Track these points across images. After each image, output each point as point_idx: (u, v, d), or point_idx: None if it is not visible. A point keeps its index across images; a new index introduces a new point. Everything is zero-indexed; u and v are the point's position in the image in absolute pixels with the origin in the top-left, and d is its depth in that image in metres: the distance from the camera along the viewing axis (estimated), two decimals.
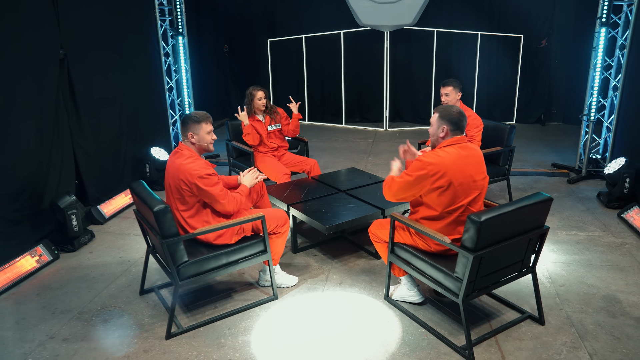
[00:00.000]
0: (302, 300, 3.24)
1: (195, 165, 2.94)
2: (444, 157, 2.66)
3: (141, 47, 5.66)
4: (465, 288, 2.52)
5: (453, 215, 2.71)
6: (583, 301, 3.14)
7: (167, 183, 3.07)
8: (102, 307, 3.25)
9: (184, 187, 2.94)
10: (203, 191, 2.96)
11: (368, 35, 8.16)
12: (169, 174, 3.05)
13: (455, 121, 2.73)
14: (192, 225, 3.02)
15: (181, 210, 3.00)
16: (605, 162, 5.52)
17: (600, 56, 5.23)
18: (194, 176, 2.92)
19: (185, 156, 2.99)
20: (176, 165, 2.97)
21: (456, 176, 2.64)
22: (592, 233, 4.13)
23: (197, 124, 3.02)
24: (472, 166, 2.70)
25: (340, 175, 4.48)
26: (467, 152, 2.73)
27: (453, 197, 2.67)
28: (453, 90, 4.31)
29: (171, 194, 3.04)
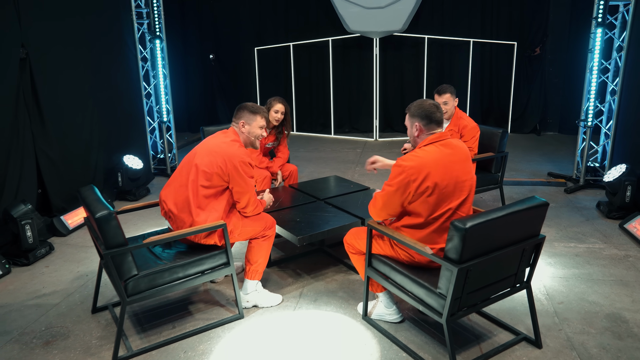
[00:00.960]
0: (271, 320, 2.89)
1: (241, 150, 2.82)
2: (423, 157, 2.35)
3: (116, 51, 5.38)
4: (450, 306, 2.19)
5: (439, 220, 2.39)
6: (585, 320, 2.80)
7: (197, 155, 2.80)
8: (46, 327, 2.89)
9: (220, 164, 2.73)
10: (239, 177, 2.75)
11: (357, 42, 7.93)
12: (206, 147, 2.81)
13: (426, 114, 2.43)
14: (201, 204, 2.75)
15: (201, 185, 2.75)
16: (604, 170, 5.23)
17: (597, 58, 4.96)
18: (236, 157, 2.75)
19: (231, 138, 2.86)
20: (218, 142, 2.82)
21: (441, 177, 2.33)
22: (593, 245, 3.81)
23: (253, 115, 2.91)
24: (457, 165, 2.39)
25: (320, 183, 4.16)
26: (451, 149, 2.41)
27: (439, 201, 2.36)
28: (451, 97, 4.02)
29: (195, 167, 2.75)
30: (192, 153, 2.86)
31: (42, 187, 4.40)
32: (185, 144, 7.83)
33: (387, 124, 8.50)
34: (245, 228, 2.90)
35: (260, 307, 3.02)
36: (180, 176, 2.83)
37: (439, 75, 8.08)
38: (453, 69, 8.06)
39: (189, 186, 2.76)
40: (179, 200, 2.79)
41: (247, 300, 3.02)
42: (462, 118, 4.08)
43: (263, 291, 3.07)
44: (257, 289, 3.03)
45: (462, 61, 7.90)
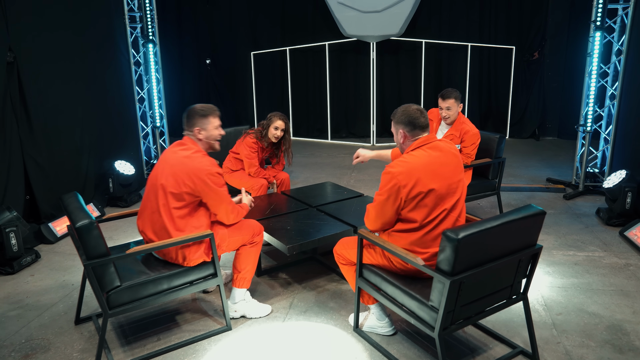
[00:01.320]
0: (259, 332, 2.80)
1: (205, 161, 2.63)
2: (411, 162, 2.28)
3: (108, 54, 5.30)
4: (442, 320, 2.09)
5: (433, 223, 2.30)
6: (584, 333, 2.70)
7: (161, 176, 2.62)
8: (27, 339, 2.79)
9: (187, 182, 2.57)
10: (210, 190, 2.59)
11: (354, 46, 7.86)
12: (168, 166, 2.62)
13: (409, 120, 2.34)
14: (180, 226, 2.61)
15: (173, 207, 2.59)
16: (603, 175, 5.14)
17: (596, 62, 4.88)
18: (203, 172, 2.57)
19: (192, 150, 2.67)
20: (179, 158, 2.63)
21: (432, 180, 2.25)
22: (592, 253, 3.71)
23: (205, 118, 2.70)
24: (447, 167, 2.31)
25: (314, 189, 4.07)
26: (439, 152, 2.33)
27: (433, 205, 2.27)
28: (455, 102, 3.90)
29: (162, 189, 2.60)
30: (153, 173, 2.69)
31: (30, 194, 4.32)
32: None
33: (385, 128, 8.40)
34: (233, 238, 2.81)
35: (248, 318, 2.92)
36: (150, 201, 2.67)
37: (437, 80, 8.01)
38: (451, 74, 7.99)
39: (161, 211, 2.60)
40: (156, 228, 2.64)
41: (234, 310, 2.91)
42: (465, 123, 3.98)
43: (252, 301, 2.97)
44: (245, 298, 2.93)
45: (460, 65, 7.83)
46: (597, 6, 4.71)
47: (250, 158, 4.04)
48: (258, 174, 4.10)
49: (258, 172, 4.10)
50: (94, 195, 5.01)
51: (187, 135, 2.75)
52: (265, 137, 4.03)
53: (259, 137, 4.02)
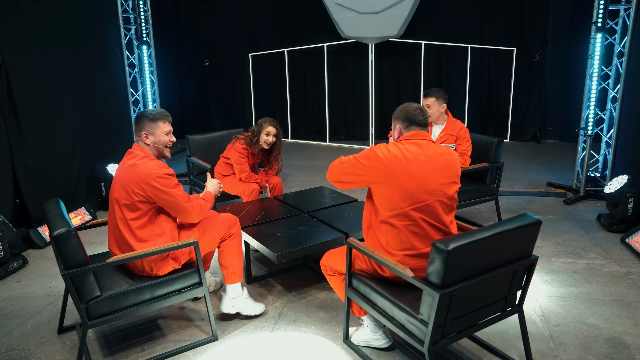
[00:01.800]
0: (246, 343, 2.71)
1: (151, 164, 2.51)
2: (391, 151, 2.26)
3: (101, 56, 5.23)
4: (432, 334, 2.00)
5: (402, 223, 2.22)
6: (582, 346, 2.60)
7: (113, 189, 2.56)
8: (7, 349, 2.71)
9: (137, 191, 2.46)
10: (162, 193, 2.48)
11: (352, 48, 7.78)
12: (117, 178, 2.55)
13: (406, 116, 2.34)
14: (141, 237, 2.52)
15: (130, 219, 2.50)
16: (605, 180, 5.03)
17: (597, 64, 4.78)
18: (150, 176, 2.46)
19: (138, 156, 2.55)
20: (126, 167, 2.53)
21: (398, 174, 2.21)
22: (592, 261, 3.61)
23: (153, 122, 2.59)
24: (427, 167, 2.24)
25: (306, 194, 3.98)
26: (425, 150, 2.27)
27: (394, 199, 2.21)
28: (436, 101, 3.90)
29: (116, 202, 2.52)
30: (111, 187, 2.62)
31: (20, 197, 4.25)
32: (178, 151, 7.67)
33: (384, 131, 8.31)
34: (206, 236, 2.71)
35: (243, 315, 2.89)
36: (111, 217, 2.59)
37: (437, 82, 7.90)
38: (451, 75, 7.89)
39: (119, 225, 2.52)
40: (119, 242, 2.56)
41: (232, 305, 2.85)
42: (457, 122, 4.01)
43: (247, 299, 2.91)
44: (242, 293, 2.87)
45: (460, 67, 7.73)
46: (598, 7, 4.61)
47: (240, 164, 3.95)
48: (249, 179, 4.01)
49: (249, 177, 4.01)
50: (86, 199, 4.94)
51: (135, 142, 2.64)
52: (257, 144, 3.94)
53: (248, 142, 3.93)
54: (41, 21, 4.32)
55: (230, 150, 4.03)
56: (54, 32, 4.48)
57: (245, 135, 3.97)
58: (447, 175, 2.27)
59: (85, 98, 4.92)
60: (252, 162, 4.10)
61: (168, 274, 2.57)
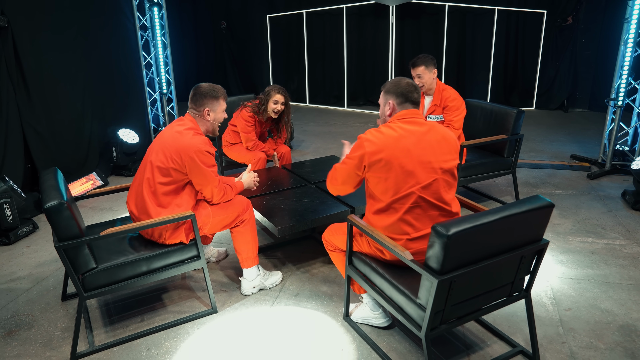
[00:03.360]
0: (245, 316, 2.68)
1: (197, 139, 2.53)
2: (384, 133, 2.14)
3: (111, 18, 5.11)
4: (430, 320, 1.91)
5: (404, 206, 2.11)
6: (594, 333, 2.48)
7: (152, 150, 2.57)
8: (12, 315, 2.75)
9: (175, 158, 2.48)
10: (196, 168, 2.49)
11: (372, 10, 7.45)
12: (159, 141, 2.56)
13: (401, 92, 2.21)
14: (162, 203, 2.53)
15: (158, 182, 2.51)
16: (633, 154, 4.76)
17: (634, 29, 4.43)
18: (192, 148, 2.48)
19: (187, 126, 2.58)
20: (173, 132, 2.55)
21: (397, 155, 2.08)
22: (613, 241, 3.43)
23: (216, 100, 2.63)
24: (425, 144, 2.11)
25: (316, 164, 3.86)
26: (419, 127, 2.15)
27: (398, 181, 2.09)
28: (426, 69, 3.61)
29: (150, 163, 2.54)
30: (149, 149, 2.62)
31: (31, 162, 4.26)
32: None
33: None
34: (216, 218, 2.67)
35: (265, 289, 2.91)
36: (139, 174, 2.61)
37: (460, 46, 7.57)
38: (475, 40, 7.51)
39: (144, 185, 2.53)
40: (138, 200, 2.57)
41: (252, 286, 2.85)
42: (445, 90, 3.68)
43: (264, 272, 2.92)
44: (260, 272, 2.88)
45: (485, 31, 7.34)
46: None
47: (246, 132, 3.85)
48: (256, 148, 3.92)
49: (256, 145, 3.91)
50: (98, 164, 4.94)
51: (190, 113, 2.64)
52: (264, 112, 3.81)
53: (256, 110, 3.81)
54: None
55: (237, 118, 3.92)
56: None
57: (253, 103, 3.85)
58: (444, 151, 2.15)
59: (95, 61, 4.84)
60: (260, 130, 3.98)
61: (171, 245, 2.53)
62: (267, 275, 2.92)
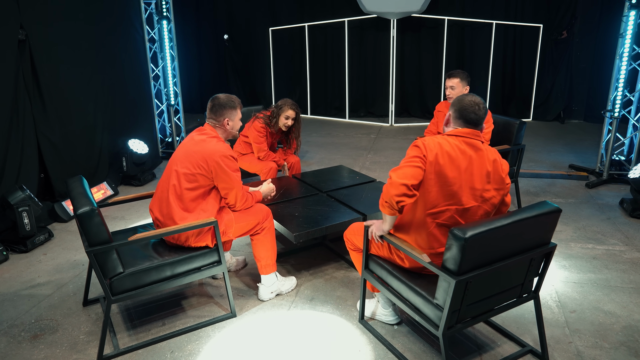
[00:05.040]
0: (263, 320, 2.77)
1: (221, 145, 2.70)
2: (440, 142, 2.15)
3: (121, 31, 5.24)
4: (447, 319, 2.02)
5: (436, 221, 2.17)
6: (598, 333, 2.60)
7: (176, 159, 2.70)
8: (36, 319, 2.83)
9: (201, 163, 2.62)
10: (222, 172, 2.62)
11: (374, 23, 7.63)
12: (183, 149, 2.70)
13: (459, 108, 2.19)
14: (188, 208, 2.65)
15: (185, 188, 2.64)
16: (630, 164, 4.92)
17: (628, 43, 4.62)
18: (217, 153, 2.62)
19: (209, 135, 2.74)
20: (196, 142, 2.70)
21: (447, 172, 2.10)
22: (613, 247, 3.57)
23: (234, 110, 2.78)
24: (474, 170, 2.15)
25: (325, 173, 3.99)
26: (474, 152, 2.16)
27: (437, 197, 2.14)
28: (460, 82, 3.83)
29: (175, 171, 2.66)
30: (172, 158, 2.75)
31: (45, 172, 4.35)
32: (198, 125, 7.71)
33: (404, 108, 8.23)
34: (239, 224, 2.78)
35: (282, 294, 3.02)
36: (163, 182, 2.73)
37: (459, 59, 7.75)
38: (474, 53, 7.71)
39: (170, 192, 2.65)
40: (163, 207, 2.69)
41: (270, 292, 2.96)
42: None
43: (281, 278, 3.03)
44: (277, 278, 2.99)
45: (483, 44, 7.54)
46: None
47: (258, 142, 3.97)
48: (267, 158, 4.04)
49: (267, 155, 4.04)
50: (108, 173, 5.03)
51: (210, 123, 2.77)
52: (275, 125, 3.94)
53: (268, 122, 3.94)
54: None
55: (249, 129, 4.04)
56: (75, 8, 4.49)
57: (265, 115, 3.98)
58: (491, 182, 2.18)
59: (106, 73, 4.96)
60: (271, 141, 4.11)
61: (195, 248, 2.64)
62: (283, 281, 3.02)
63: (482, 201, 2.17)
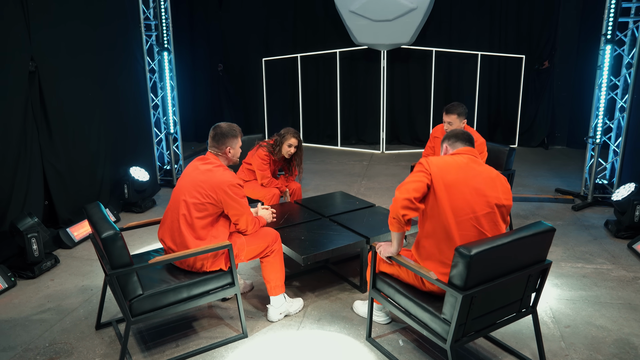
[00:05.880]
0: (274, 340, 2.88)
1: (227, 174, 2.80)
2: (443, 159, 2.43)
3: (124, 62, 5.42)
4: (454, 332, 2.17)
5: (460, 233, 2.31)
6: (592, 346, 2.76)
7: (183, 189, 2.79)
8: (50, 343, 2.90)
9: (210, 193, 2.73)
10: (231, 200, 2.74)
11: (364, 54, 7.95)
12: (189, 180, 2.79)
13: (453, 134, 2.54)
14: (200, 235, 2.75)
15: (195, 217, 2.74)
16: (612, 187, 5.18)
17: (606, 75, 4.94)
18: (225, 183, 2.74)
19: (214, 164, 2.84)
20: (202, 171, 2.80)
21: (458, 181, 2.31)
22: (600, 266, 3.76)
23: (235, 139, 2.91)
24: (481, 179, 2.36)
25: (326, 199, 4.15)
26: (477, 165, 2.42)
27: (454, 208, 2.29)
28: (457, 118, 3.95)
29: (183, 201, 2.76)
30: (177, 188, 2.85)
31: (49, 199, 4.43)
32: (192, 154, 7.86)
33: (394, 136, 8.49)
34: (250, 247, 2.91)
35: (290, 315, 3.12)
36: (172, 212, 2.82)
37: (447, 88, 8.07)
38: (461, 82, 8.05)
39: (182, 221, 2.74)
40: (175, 236, 2.78)
41: (279, 312, 3.06)
42: (474, 133, 4.06)
43: (289, 300, 3.13)
44: (285, 299, 3.09)
45: (470, 74, 7.89)
46: (607, 19, 4.76)
47: (262, 170, 4.13)
48: (270, 184, 4.19)
49: (270, 182, 4.19)
50: (109, 200, 5.12)
51: (212, 151, 2.89)
52: (278, 153, 4.12)
53: (271, 150, 4.11)
54: (71, 30, 4.51)
55: (252, 157, 4.20)
56: (82, 41, 4.66)
57: (268, 143, 4.15)
58: (499, 189, 2.38)
59: (109, 103, 5.10)
60: (273, 168, 4.27)
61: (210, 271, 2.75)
62: (291, 302, 3.13)
63: (496, 208, 2.35)
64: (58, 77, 4.38)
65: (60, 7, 4.36)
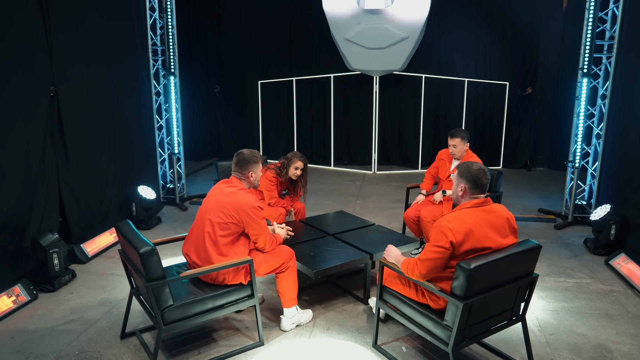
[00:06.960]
0: (289, 347, 3.15)
1: (249, 197, 3.06)
2: (465, 220, 2.51)
3: (133, 86, 5.69)
4: (455, 337, 2.48)
5: None
6: (574, 351, 3.10)
7: (208, 209, 3.06)
8: (80, 351, 3.12)
9: (233, 214, 2.99)
10: (252, 221, 3.01)
11: (357, 79, 8.34)
12: (215, 201, 3.06)
13: (473, 179, 2.58)
14: (223, 252, 3.02)
15: (219, 235, 3.00)
16: (590, 208, 5.59)
17: (583, 105, 5.38)
18: (247, 205, 3.00)
19: (237, 187, 3.10)
20: (227, 193, 3.06)
21: (480, 240, 2.52)
22: (580, 280, 4.13)
23: (257, 164, 3.18)
24: (497, 230, 2.59)
25: (329, 218, 4.46)
26: (491, 215, 2.58)
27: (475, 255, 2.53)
28: (461, 141, 4.32)
29: (209, 221, 3.02)
30: (203, 208, 3.12)
31: (63, 216, 4.65)
32: (190, 172, 8.11)
33: (385, 157, 8.86)
34: (268, 263, 3.19)
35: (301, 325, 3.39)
36: (197, 229, 3.10)
37: (435, 112, 8.50)
38: (448, 106, 8.49)
39: (206, 238, 3.02)
40: (200, 251, 3.06)
41: (291, 323, 3.33)
42: (472, 157, 4.41)
43: (300, 311, 3.41)
44: (297, 311, 3.37)
45: (457, 99, 8.34)
46: (584, 55, 5.22)
47: (270, 190, 4.43)
48: (277, 204, 4.48)
49: (277, 202, 4.48)
50: (117, 218, 5.34)
51: (235, 175, 3.17)
52: (285, 175, 4.42)
53: (278, 172, 4.42)
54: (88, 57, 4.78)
55: (260, 178, 4.50)
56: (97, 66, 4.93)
57: (275, 166, 4.46)
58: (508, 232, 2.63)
59: (119, 125, 5.36)
60: (280, 189, 4.57)
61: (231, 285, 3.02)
62: (302, 313, 3.41)
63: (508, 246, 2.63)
64: (75, 100, 4.64)
65: (77, 32, 4.63)
